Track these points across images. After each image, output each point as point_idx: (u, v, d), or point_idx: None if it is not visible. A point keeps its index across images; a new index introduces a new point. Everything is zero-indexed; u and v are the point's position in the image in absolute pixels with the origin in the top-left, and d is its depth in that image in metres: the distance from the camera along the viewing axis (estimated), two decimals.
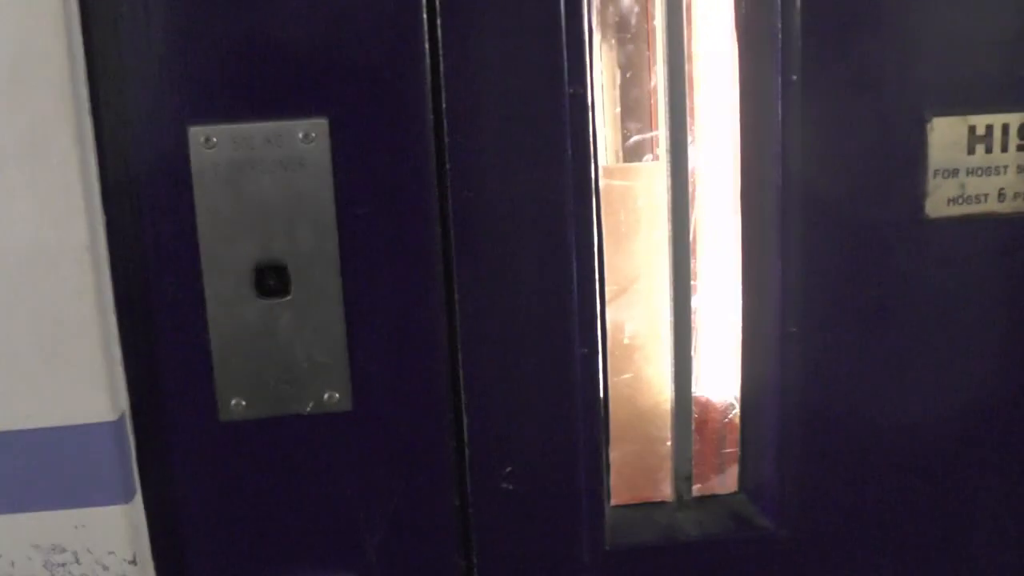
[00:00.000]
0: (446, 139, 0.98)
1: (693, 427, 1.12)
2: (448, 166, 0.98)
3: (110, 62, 0.94)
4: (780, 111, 1.02)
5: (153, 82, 0.95)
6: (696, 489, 1.17)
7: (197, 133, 0.96)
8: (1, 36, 0.89)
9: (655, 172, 1.15)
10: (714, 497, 1.18)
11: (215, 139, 0.97)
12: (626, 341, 1.19)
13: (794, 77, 1.01)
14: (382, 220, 0.99)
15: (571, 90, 0.98)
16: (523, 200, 1.00)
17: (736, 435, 1.17)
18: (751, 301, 1.11)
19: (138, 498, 1.01)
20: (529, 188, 1.00)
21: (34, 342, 0.95)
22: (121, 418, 0.98)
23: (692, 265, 1.09)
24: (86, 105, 0.93)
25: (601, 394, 1.06)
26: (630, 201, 1.25)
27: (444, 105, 0.97)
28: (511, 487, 1.07)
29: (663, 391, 1.15)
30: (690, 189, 1.09)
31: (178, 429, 1.03)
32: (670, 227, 1.07)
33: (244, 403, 1.02)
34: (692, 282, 1.10)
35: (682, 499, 1.14)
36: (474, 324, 1.02)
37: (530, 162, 0.99)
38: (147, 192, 0.97)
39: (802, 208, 1.04)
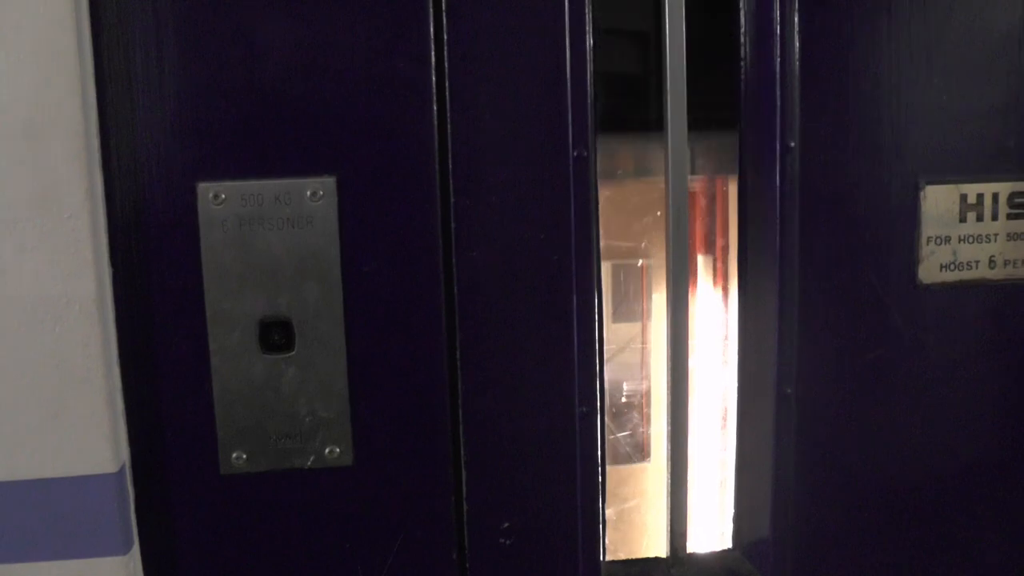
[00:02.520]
0: (452, 199, 0.99)
1: (688, 483, 1.13)
2: (453, 225, 1.00)
3: (122, 118, 0.96)
4: (779, 176, 1.04)
5: (164, 139, 0.97)
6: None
7: (206, 189, 0.98)
8: (16, 91, 0.90)
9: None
10: (709, 553, 1.19)
11: (224, 195, 0.98)
12: (623, 399, 1.20)
13: (792, 144, 1.04)
14: (388, 278, 1.00)
15: (575, 152, 1.00)
16: (526, 261, 1.02)
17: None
18: (747, 362, 1.13)
19: (136, 549, 1.01)
20: (533, 249, 1.02)
21: (38, 392, 0.95)
22: (122, 470, 0.99)
23: (688, 323, 1.10)
24: (98, 160, 0.95)
25: (599, 452, 1.07)
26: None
27: (450, 165, 0.99)
28: (509, 542, 1.07)
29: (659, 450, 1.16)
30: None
31: (178, 482, 1.03)
32: (668, 289, 1.09)
33: (245, 457, 1.03)
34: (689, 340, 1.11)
35: (677, 555, 1.15)
36: (475, 381, 1.03)
37: (534, 223, 1.01)
38: (155, 246, 0.98)
39: (799, 271, 1.06)
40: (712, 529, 1.24)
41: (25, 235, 0.92)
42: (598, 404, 1.06)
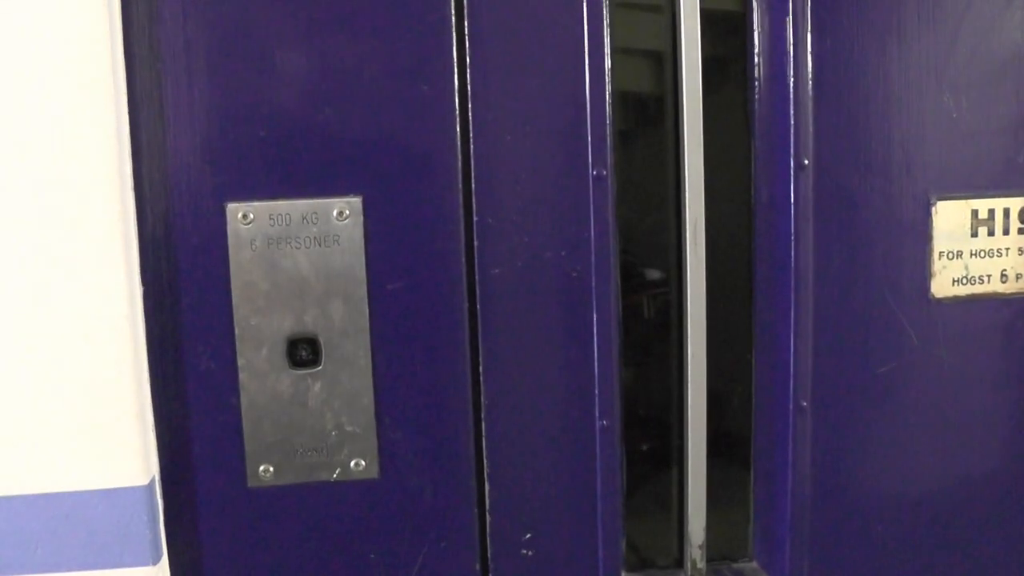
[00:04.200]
0: (475, 218, 1.02)
1: (705, 492, 1.15)
2: (476, 244, 1.02)
3: (154, 141, 0.98)
4: (792, 193, 1.07)
5: (194, 160, 1.00)
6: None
7: (235, 209, 1.00)
8: (51, 116, 0.93)
9: None
10: (728, 565, 1.20)
11: (252, 215, 1.01)
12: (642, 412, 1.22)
13: (805, 161, 1.06)
14: (412, 295, 1.02)
15: (595, 172, 1.03)
16: (547, 278, 1.04)
17: None
18: (764, 375, 1.15)
19: (164, 561, 1.02)
20: (553, 266, 1.04)
21: (69, 407, 0.98)
22: (151, 482, 1.01)
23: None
24: (129, 182, 0.97)
25: (620, 465, 1.09)
26: None
27: (473, 186, 1.01)
28: (531, 553, 1.09)
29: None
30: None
31: (206, 494, 1.05)
32: (688, 299, 1.11)
33: (272, 470, 1.05)
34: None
35: (696, 567, 1.17)
36: (498, 396, 1.05)
37: (555, 241, 1.04)
38: (185, 265, 1.01)
39: (814, 286, 1.08)
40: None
41: (58, 254, 0.95)
42: (618, 417, 1.08)
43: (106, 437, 0.98)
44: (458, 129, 1.01)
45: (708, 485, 1.15)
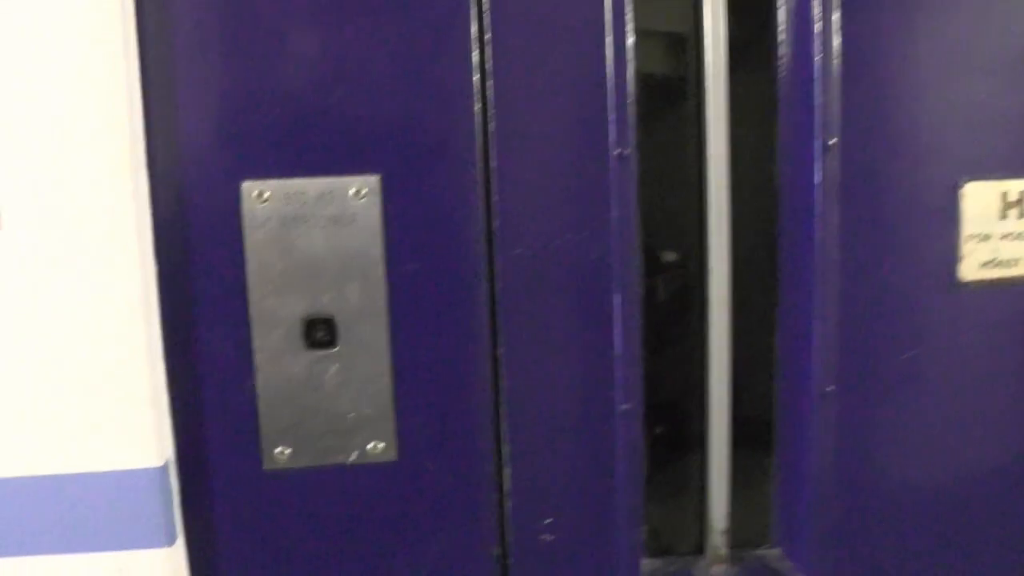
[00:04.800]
0: (495, 198, 1.00)
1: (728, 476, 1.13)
2: (496, 224, 1.00)
3: (166, 119, 0.97)
4: (818, 174, 1.04)
5: (208, 139, 0.98)
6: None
7: (250, 188, 0.99)
8: (61, 95, 0.91)
9: None
10: (749, 552, 1.19)
11: (268, 194, 0.99)
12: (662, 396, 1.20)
13: (832, 142, 1.04)
14: (430, 276, 1.01)
15: (617, 152, 1.01)
16: (568, 259, 1.02)
17: None
18: (787, 360, 1.13)
19: (180, 543, 1.02)
20: (574, 248, 1.02)
21: (83, 389, 0.96)
22: (166, 464, 1.00)
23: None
24: (142, 160, 0.96)
25: (641, 449, 1.08)
26: None
27: (493, 165, 0.99)
28: (550, 538, 1.08)
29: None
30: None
31: (222, 477, 1.04)
32: (711, 282, 1.09)
33: (288, 452, 1.03)
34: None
35: (717, 553, 1.15)
36: (518, 379, 1.04)
37: (576, 222, 1.02)
38: (198, 245, 0.99)
39: (839, 269, 1.06)
40: None
41: (69, 235, 0.93)
42: (640, 401, 1.06)
43: (119, 419, 0.97)
44: (478, 108, 0.99)
45: (730, 470, 1.13)
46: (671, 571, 1.15)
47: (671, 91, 1.09)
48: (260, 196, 0.99)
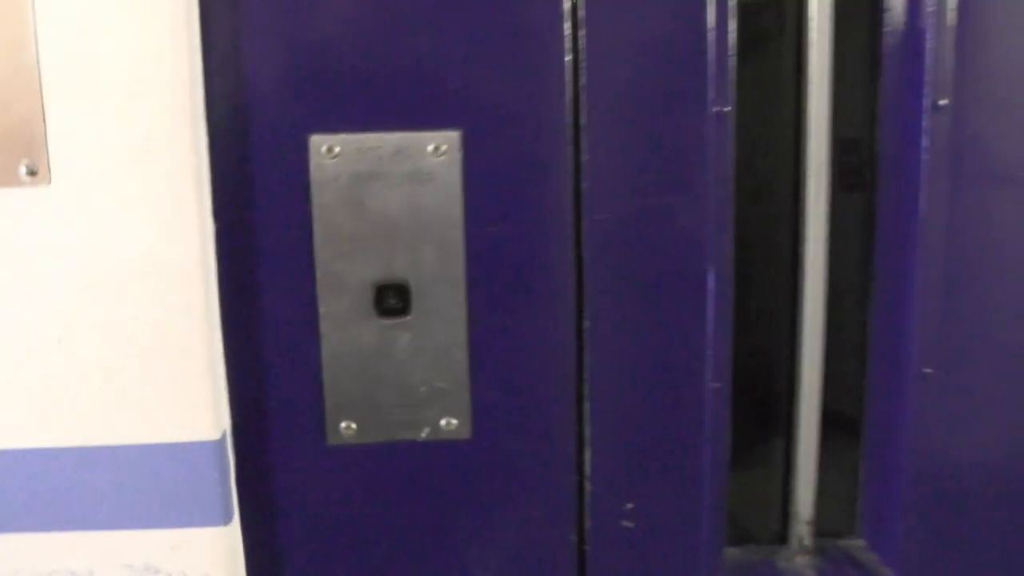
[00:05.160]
0: (584, 157, 0.93)
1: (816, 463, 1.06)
2: (584, 186, 0.93)
3: (228, 66, 0.90)
4: (925, 138, 0.97)
5: (274, 87, 0.91)
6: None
7: (319, 143, 0.92)
8: (115, 39, 0.85)
9: None
10: (833, 543, 1.12)
11: (338, 149, 0.92)
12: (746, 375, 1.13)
13: (942, 102, 0.96)
14: (513, 240, 0.94)
15: (715, 109, 0.93)
16: (659, 226, 0.95)
17: None
18: (881, 339, 1.06)
19: (235, 521, 0.95)
20: (666, 213, 0.95)
21: (136, 356, 0.90)
22: (222, 437, 0.93)
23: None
24: (201, 111, 0.88)
25: (728, 431, 1.01)
26: None
27: (583, 121, 0.92)
28: (631, 525, 1.01)
29: None
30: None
31: (282, 451, 0.97)
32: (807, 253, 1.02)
33: (355, 427, 0.97)
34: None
35: (802, 543, 1.08)
36: (603, 353, 0.97)
37: (669, 186, 0.94)
38: (262, 203, 0.93)
39: (945, 240, 0.99)
40: None
41: (124, 191, 0.87)
42: (729, 380, 0.99)
43: (174, 388, 0.91)
44: (567, 59, 0.91)
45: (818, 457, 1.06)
46: (752, 561, 1.09)
47: (767, 45, 1.01)
48: (330, 151, 0.92)
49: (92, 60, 0.85)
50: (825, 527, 1.11)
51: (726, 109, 0.93)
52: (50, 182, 0.87)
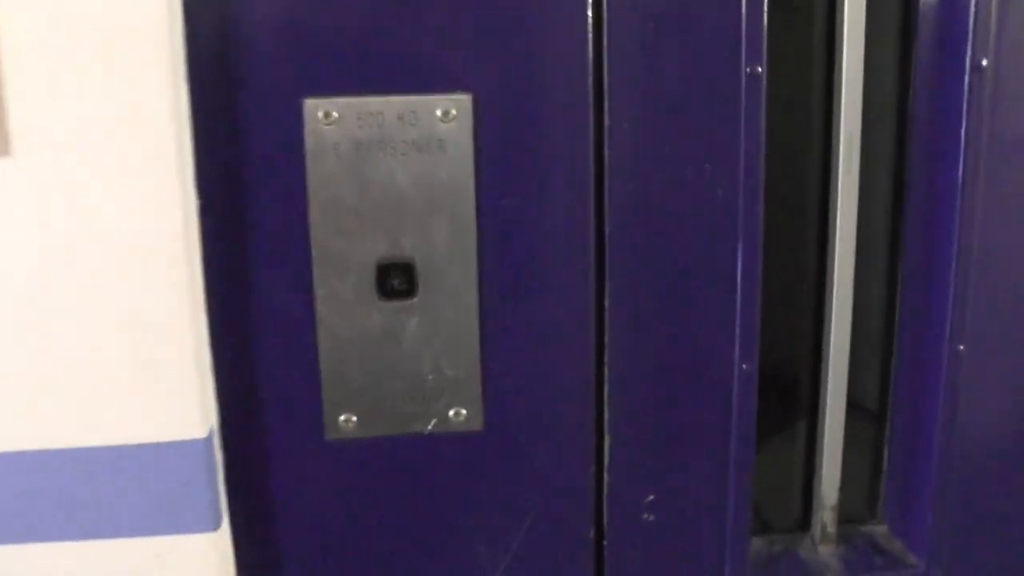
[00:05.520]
0: (606, 121, 0.85)
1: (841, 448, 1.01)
2: (607, 153, 0.86)
3: (213, 20, 0.80)
4: (964, 102, 0.91)
5: (264, 46, 0.82)
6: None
7: (315, 107, 0.83)
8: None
9: None
10: (856, 529, 1.07)
11: (336, 114, 0.83)
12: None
13: (984, 62, 0.90)
14: (529, 214, 0.86)
15: (748, 69, 0.86)
16: (688, 197, 0.88)
17: None
18: (910, 314, 1.00)
19: (225, 526, 0.87)
20: (696, 183, 0.88)
21: (112, 346, 0.81)
22: (210, 435, 0.85)
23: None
24: (183, 72, 0.79)
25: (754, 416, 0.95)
26: None
27: (606, 82, 0.84)
28: (652, 518, 0.95)
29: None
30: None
31: (276, 449, 0.89)
32: (838, 226, 0.95)
33: (355, 420, 0.89)
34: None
35: (826, 531, 1.03)
36: (625, 335, 0.90)
37: (699, 152, 0.87)
38: (251, 175, 0.84)
39: (983, 208, 0.93)
40: None
41: (96, 163, 0.77)
42: (757, 362, 0.93)
43: (156, 381, 0.82)
44: (589, 15, 0.83)
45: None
46: (774, 552, 1.03)
47: (797, 6, 0.94)
48: (327, 117, 0.83)
49: (58, 13, 0.75)
50: (844, 512, 1.05)
51: (759, 69, 0.86)
52: (9, 153, 0.76)
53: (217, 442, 0.86)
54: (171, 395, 0.83)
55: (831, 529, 1.03)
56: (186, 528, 0.86)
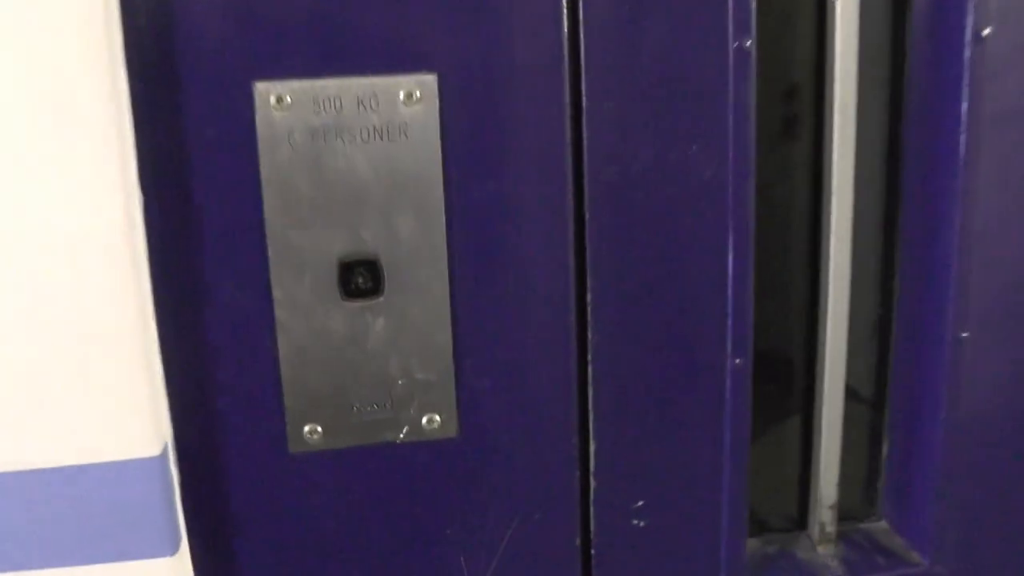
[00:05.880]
0: (584, 103, 0.79)
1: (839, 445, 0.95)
2: (585, 136, 0.79)
3: None
4: (965, 71, 0.85)
5: (210, 24, 0.75)
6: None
7: (266, 91, 0.76)
8: None
9: None
10: (854, 526, 1.02)
11: (290, 99, 0.77)
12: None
13: (985, 31, 0.84)
14: (503, 203, 0.80)
15: (736, 44, 0.80)
16: (674, 180, 0.82)
17: None
18: (910, 301, 0.95)
19: (183, 550, 0.81)
20: (682, 164, 0.81)
21: (50, 357, 0.74)
22: (164, 452, 0.78)
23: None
24: (120, 54, 0.71)
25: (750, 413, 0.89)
26: None
27: (583, 61, 0.78)
28: (642, 524, 0.89)
29: None
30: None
31: (236, 464, 0.83)
32: (833, 205, 0.89)
33: (321, 431, 0.83)
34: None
35: (824, 530, 0.98)
36: (609, 331, 0.84)
37: (684, 131, 0.81)
38: (198, 166, 0.77)
39: (987, 185, 0.88)
40: None
41: (32, 153, 0.70)
42: (751, 356, 0.87)
43: (103, 395, 0.75)
44: None
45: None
46: (770, 553, 0.98)
47: None
48: (279, 102, 0.76)
49: None
50: (842, 508, 1.00)
51: (748, 43, 0.80)
52: None
53: (172, 459, 0.80)
54: (119, 410, 0.77)
55: (830, 528, 0.98)
56: (141, 553, 0.80)
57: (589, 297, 0.82)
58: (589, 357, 0.84)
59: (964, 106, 0.86)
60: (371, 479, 0.84)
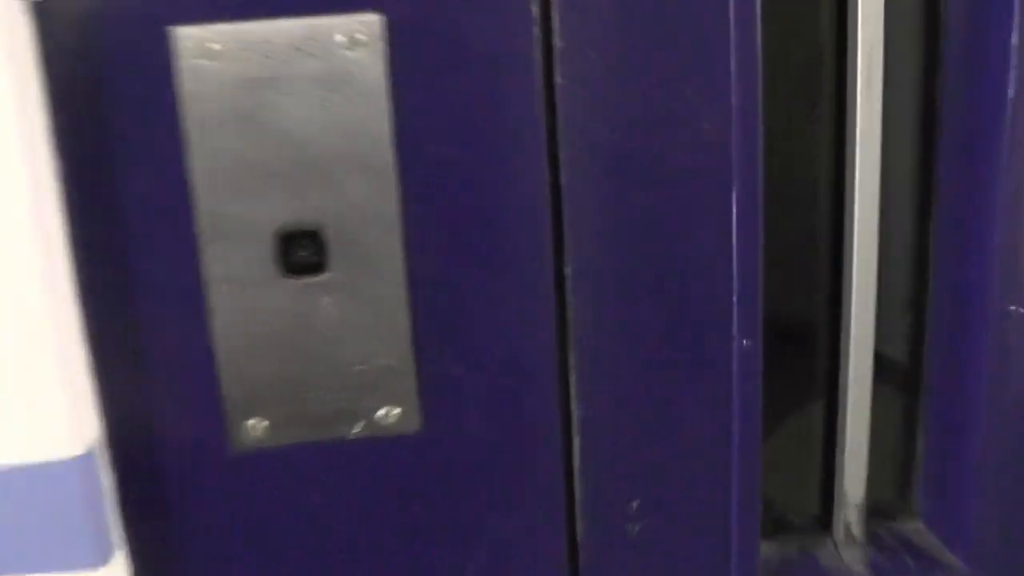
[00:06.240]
0: (557, 43, 0.67)
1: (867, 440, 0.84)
2: (558, 81, 0.68)
3: None
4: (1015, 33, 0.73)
5: None
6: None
7: (188, 37, 0.66)
8: None
9: None
10: (885, 527, 0.90)
11: (217, 46, 0.67)
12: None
13: None
14: (464, 163, 0.69)
15: None
16: (667, 136, 0.71)
17: None
18: (948, 273, 0.83)
19: (119, 558, 0.73)
20: (678, 118, 0.70)
21: None
22: (89, 453, 0.69)
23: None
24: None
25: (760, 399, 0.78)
26: None
27: None
28: (637, 528, 0.78)
29: None
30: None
31: (174, 465, 0.74)
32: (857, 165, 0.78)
33: (265, 425, 0.74)
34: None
35: (850, 532, 0.87)
36: (592, 308, 0.73)
37: (679, 84, 0.69)
38: (116, 126, 0.67)
39: None
40: None
41: None
42: (761, 337, 0.76)
43: (14, 391, 0.67)
44: None
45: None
46: (790, 556, 0.87)
47: None
48: (204, 49, 0.66)
49: None
50: (871, 505, 0.89)
51: None
52: None
53: (103, 461, 0.71)
54: (34, 407, 0.68)
55: (856, 528, 0.86)
56: (66, 565, 0.72)
57: (568, 270, 0.72)
58: (569, 339, 0.73)
59: (1011, 58, 0.73)
60: (323, 479, 0.75)
